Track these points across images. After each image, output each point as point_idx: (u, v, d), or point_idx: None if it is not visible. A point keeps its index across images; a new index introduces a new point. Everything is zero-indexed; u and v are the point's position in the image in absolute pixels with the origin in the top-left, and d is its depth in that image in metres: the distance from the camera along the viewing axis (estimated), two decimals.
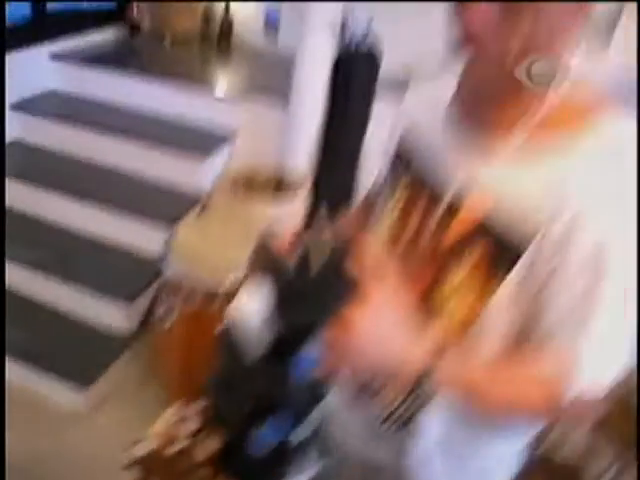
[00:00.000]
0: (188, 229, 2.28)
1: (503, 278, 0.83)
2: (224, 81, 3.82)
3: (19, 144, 3.24)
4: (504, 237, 0.82)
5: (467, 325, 0.87)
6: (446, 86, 0.96)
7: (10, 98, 3.18)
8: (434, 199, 0.91)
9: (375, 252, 0.97)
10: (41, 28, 3.35)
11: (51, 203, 2.97)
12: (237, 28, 4.03)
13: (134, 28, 3.77)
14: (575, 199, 0.77)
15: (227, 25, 4.02)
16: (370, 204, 1.12)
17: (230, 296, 2.06)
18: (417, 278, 0.91)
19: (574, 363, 0.81)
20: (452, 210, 0.88)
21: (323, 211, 0.72)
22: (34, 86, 3.32)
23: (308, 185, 2.57)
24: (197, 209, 2.89)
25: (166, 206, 2.93)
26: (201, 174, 3.05)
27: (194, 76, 3.65)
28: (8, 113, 3.18)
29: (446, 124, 0.93)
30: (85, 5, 3.71)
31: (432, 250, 0.89)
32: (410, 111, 1.03)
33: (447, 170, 0.90)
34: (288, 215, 2.46)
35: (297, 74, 2.84)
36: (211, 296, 2.05)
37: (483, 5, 0.75)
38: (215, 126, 3.20)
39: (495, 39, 0.77)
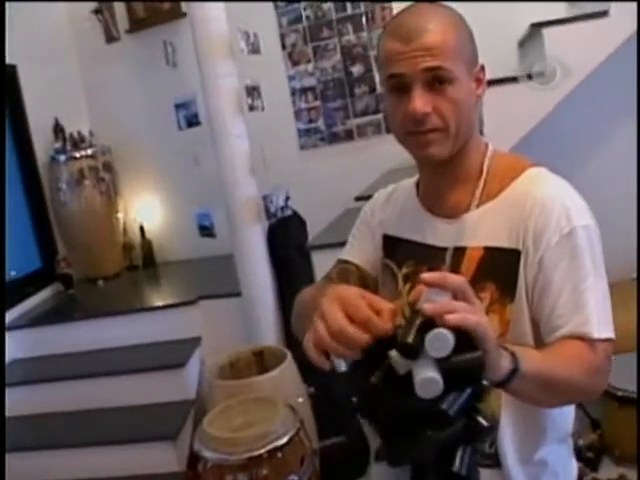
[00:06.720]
0: (209, 423, 2.48)
1: (513, 299, 1.08)
2: (164, 294, 4.14)
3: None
4: (501, 272, 1.09)
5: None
6: (407, 187, 1.29)
7: None
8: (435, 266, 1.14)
9: None
10: None
11: None
12: (160, 245, 4.44)
13: (66, 280, 4.04)
14: (538, 208, 1.07)
15: (147, 248, 4.40)
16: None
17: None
18: None
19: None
20: (455, 266, 1.13)
21: None
22: None
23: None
24: (193, 411, 3.07)
25: (162, 422, 3.07)
26: (181, 380, 3.23)
27: (135, 301, 3.94)
28: None
29: (417, 211, 1.23)
30: (13, 274, 3.95)
31: None
32: (385, 214, 1.31)
33: (435, 243, 1.17)
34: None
35: (239, 266, 3.19)
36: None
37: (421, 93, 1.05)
38: (176, 335, 3.45)
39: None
